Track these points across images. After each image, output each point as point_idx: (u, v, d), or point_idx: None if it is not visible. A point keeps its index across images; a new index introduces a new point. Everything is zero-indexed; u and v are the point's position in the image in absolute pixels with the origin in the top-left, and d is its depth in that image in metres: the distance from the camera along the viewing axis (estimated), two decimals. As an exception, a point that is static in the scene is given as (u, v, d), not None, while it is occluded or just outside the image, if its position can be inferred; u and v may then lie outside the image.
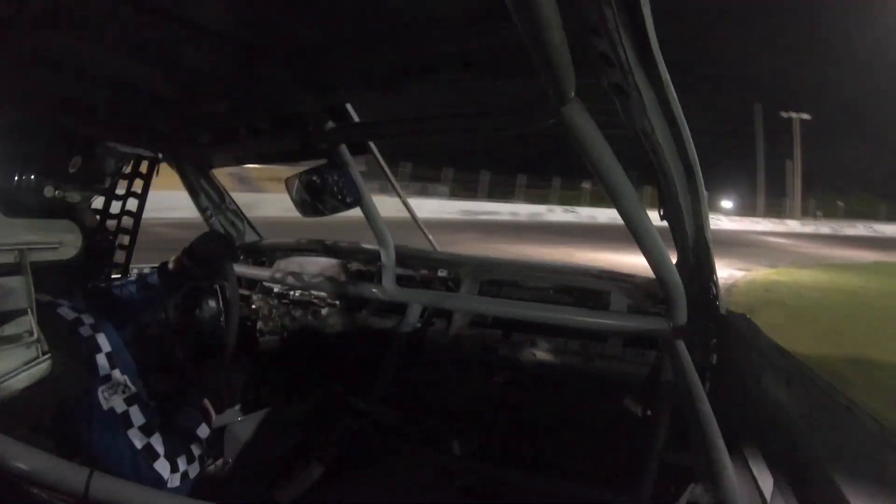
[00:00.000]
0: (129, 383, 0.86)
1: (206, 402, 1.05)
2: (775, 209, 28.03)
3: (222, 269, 1.27)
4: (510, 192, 20.82)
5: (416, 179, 18.54)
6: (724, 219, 24.23)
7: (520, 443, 1.56)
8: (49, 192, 0.88)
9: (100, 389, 0.81)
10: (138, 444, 0.84)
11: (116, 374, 0.84)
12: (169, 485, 0.88)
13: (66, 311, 0.84)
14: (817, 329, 5.01)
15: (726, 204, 27.92)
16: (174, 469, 0.89)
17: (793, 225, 25.99)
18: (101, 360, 0.83)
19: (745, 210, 27.53)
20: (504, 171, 20.35)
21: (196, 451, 0.96)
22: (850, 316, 5.95)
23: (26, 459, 0.51)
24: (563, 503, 1.31)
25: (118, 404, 0.83)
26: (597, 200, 21.17)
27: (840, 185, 30.37)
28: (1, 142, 0.90)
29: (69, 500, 0.50)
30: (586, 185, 21.71)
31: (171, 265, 1.27)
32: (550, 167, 20.70)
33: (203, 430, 1.00)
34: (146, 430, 0.86)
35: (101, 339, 0.84)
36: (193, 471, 0.94)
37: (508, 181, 20.82)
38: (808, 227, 25.66)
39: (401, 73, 1.04)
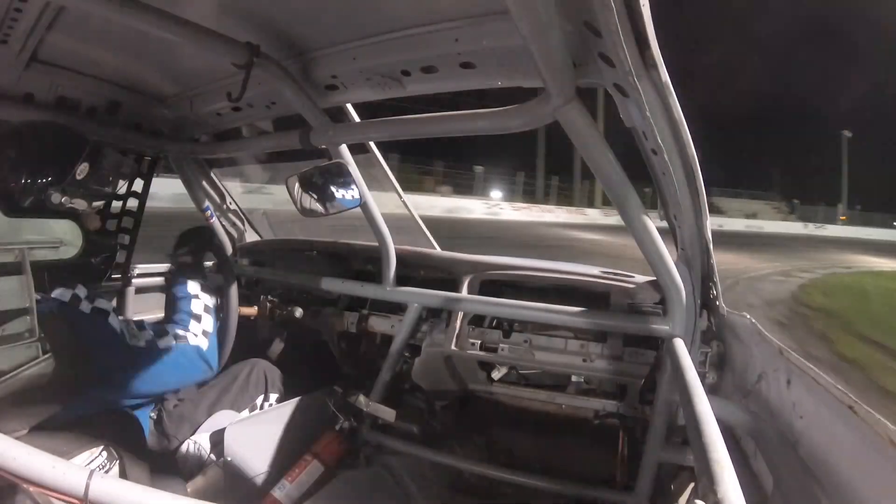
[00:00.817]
0: (131, 321, 0.98)
1: (181, 259, 1.24)
2: (565, 197, 24.01)
3: (212, 257, 1.36)
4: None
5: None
6: (507, 206, 20.29)
7: (520, 443, 1.56)
8: (56, 198, 0.88)
9: (128, 339, 0.92)
10: (169, 342, 1.00)
11: (124, 321, 0.93)
12: (204, 348, 1.07)
13: (62, 293, 0.86)
14: None
15: (496, 193, 22.42)
16: (195, 336, 1.07)
17: (594, 214, 21.20)
18: (113, 320, 0.90)
19: (515, 197, 22.22)
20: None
21: (197, 306, 1.13)
22: None
23: (26, 459, 0.51)
24: (563, 503, 1.31)
25: (141, 338, 0.96)
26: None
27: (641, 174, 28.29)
28: (9, 146, 0.91)
29: (69, 500, 0.50)
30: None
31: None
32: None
33: (193, 286, 1.16)
34: (161, 332, 1.01)
35: (102, 304, 0.91)
36: (208, 324, 1.12)
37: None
38: (612, 216, 18.49)
39: (401, 74, 1.04)
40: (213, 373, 1.11)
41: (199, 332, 1.08)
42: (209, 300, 1.17)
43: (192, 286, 1.14)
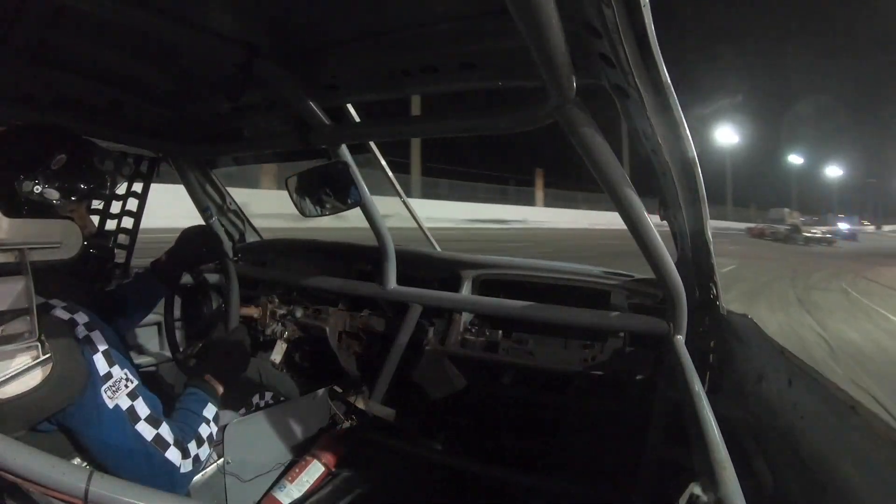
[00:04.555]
0: (129, 377, 0.87)
1: (209, 377, 1.07)
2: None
3: (210, 255, 1.29)
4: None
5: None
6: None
7: (520, 442, 1.56)
8: (27, 185, 0.87)
9: (102, 389, 0.82)
10: (148, 436, 0.86)
11: (116, 370, 0.85)
12: (182, 470, 0.90)
13: (61, 313, 0.84)
14: None
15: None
16: (185, 455, 0.91)
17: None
18: (99, 359, 0.83)
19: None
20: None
21: (205, 432, 0.98)
22: None
23: (26, 460, 0.51)
24: (563, 503, 1.31)
25: (122, 400, 0.84)
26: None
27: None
28: None
29: (70, 501, 0.50)
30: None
31: (161, 261, 1.29)
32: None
33: (209, 410, 1.02)
34: (153, 422, 0.87)
35: (97, 338, 0.85)
36: (204, 453, 0.97)
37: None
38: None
39: (401, 74, 1.04)
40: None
41: (192, 453, 0.93)
42: (216, 431, 1.04)
43: (210, 409, 1.02)
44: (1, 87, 1.16)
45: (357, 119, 1.35)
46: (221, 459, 1.15)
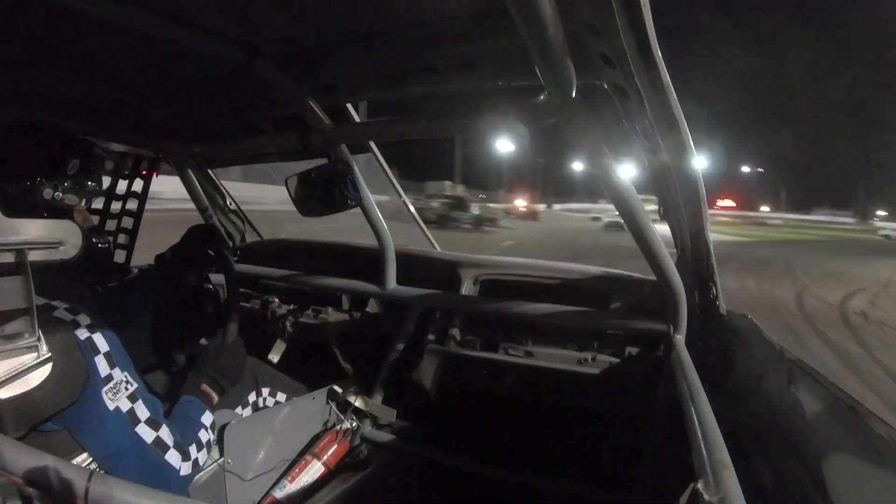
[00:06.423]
0: (129, 379, 0.87)
1: (205, 387, 1.09)
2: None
3: (214, 258, 1.30)
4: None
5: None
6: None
7: (520, 443, 1.56)
8: (48, 193, 0.88)
9: (103, 391, 0.82)
10: (148, 438, 0.86)
11: (117, 372, 0.85)
12: (181, 473, 0.91)
13: (63, 314, 0.84)
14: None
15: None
16: (185, 458, 0.92)
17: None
18: (101, 361, 0.83)
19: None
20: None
21: (203, 437, 0.99)
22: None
23: (27, 460, 0.51)
24: (563, 503, 1.31)
25: (123, 403, 0.85)
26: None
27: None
28: (2, 145, 0.91)
29: (70, 501, 0.50)
30: None
31: (166, 257, 1.29)
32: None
33: (207, 417, 1.03)
34: (153, 424, 0.88)
35: (98, 340, 0.85)
36: (203, 458, 0.98)
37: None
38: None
39: (401, 74, 1.04)
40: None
41: (192, 457, 0.94)
42: (213, 438, 1.05)
43: (207, 416, 1.04)
44: (1, 87, 1.16)
45: (357, 119, 1.35)
46: (221, 459, 1.15)
